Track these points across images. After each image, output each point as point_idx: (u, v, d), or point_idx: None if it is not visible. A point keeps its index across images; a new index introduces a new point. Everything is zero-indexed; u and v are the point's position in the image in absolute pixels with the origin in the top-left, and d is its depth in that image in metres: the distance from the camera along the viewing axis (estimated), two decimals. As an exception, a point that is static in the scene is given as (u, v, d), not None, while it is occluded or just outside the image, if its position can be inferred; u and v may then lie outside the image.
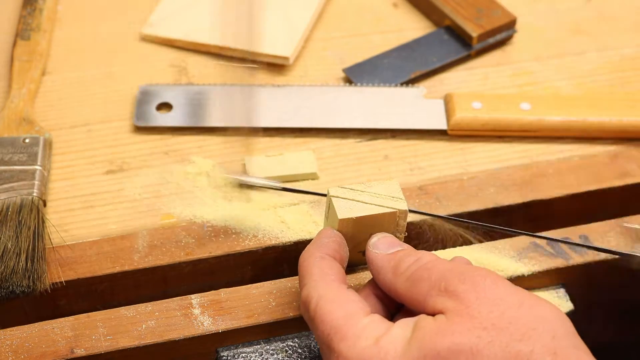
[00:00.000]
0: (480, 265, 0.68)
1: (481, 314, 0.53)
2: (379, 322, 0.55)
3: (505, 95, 0.83)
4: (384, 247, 0.60)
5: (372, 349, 0.53)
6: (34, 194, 0.70)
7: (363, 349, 0.53)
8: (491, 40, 0.88)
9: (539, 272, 0.68)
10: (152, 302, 0.65)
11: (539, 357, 0.51)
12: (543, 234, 0.70)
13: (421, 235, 0.71)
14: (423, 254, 0.59)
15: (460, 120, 0.79)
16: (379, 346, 0.53)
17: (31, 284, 0.65)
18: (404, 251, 0.60)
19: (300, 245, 0.70)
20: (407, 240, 0.64)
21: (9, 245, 0.66)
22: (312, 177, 0.76)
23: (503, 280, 0.55)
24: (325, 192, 0.64)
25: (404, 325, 0.54)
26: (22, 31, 0.84)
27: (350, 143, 0.79)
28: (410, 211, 0.65)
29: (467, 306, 0.53)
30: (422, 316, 0.55)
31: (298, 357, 0.64)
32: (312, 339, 0.65)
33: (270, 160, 0.76)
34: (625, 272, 0.68)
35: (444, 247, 0.71)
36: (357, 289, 0.61)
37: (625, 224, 0.66)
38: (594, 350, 0.59)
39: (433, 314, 0.55)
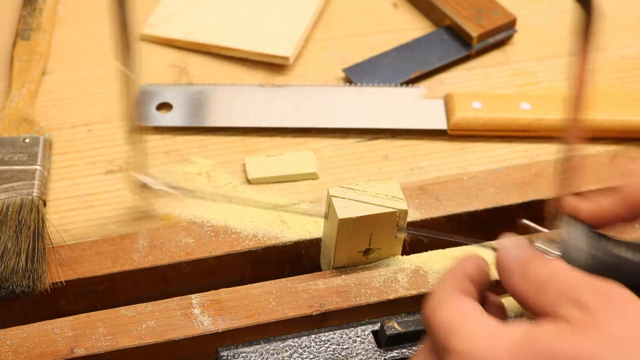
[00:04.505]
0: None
1: (611, 330, 0.50)
2: (494, 320, 0.53)
3: (505, 95, 0.83)
4: (513, 248, 0.58)
5: (485, 343, 0.51)
6: (34, 194, 0.70)
7: (477, 344, 0.51)
8: (491, 40, 0.88)
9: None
10: (152, 302, 0.65)
11: None
12: (547, 232, 0.70)
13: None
14: (553, 259, 0.57)
15: (460, 120, 0.79)
16: (493, 341, 0.51)
17: (31, 283, 0.65)
18: (534, 254, 0.57)
19: (300, 245, 0.70)
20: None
21: (9, 245, 0.66)
22: (312, 177, 0.76)
23: (637, 299, 0.52)
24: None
25: (522, 324, 0.52)
26: (22, 31, 0.84)
27: (350, 143, 0.79)
28: (405, 230, 0.66)
29: (597, 320, 0.50)
30: (544, 319, 0.53)
31: (298, 357, 0.64)
32: (312, 339, 0.65)
33: (270, 160, 0.76)
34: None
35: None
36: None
37: (523, 221, 0.66)
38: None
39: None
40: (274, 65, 0.85)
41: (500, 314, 0.58)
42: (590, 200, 0.62)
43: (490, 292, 0.59)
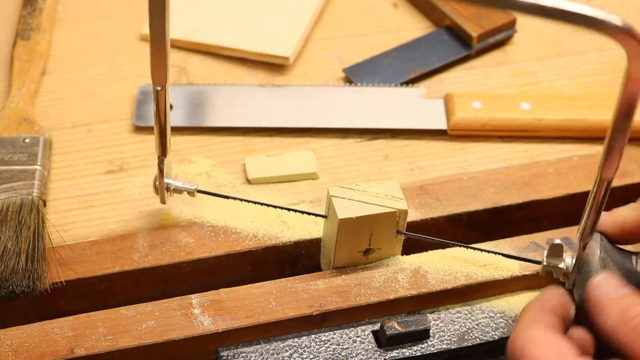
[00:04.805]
0: (481, 265, 0.68)
1: None
2: None
3: (505, 95, 0.83)
4: (610, 289, 0.56)
5: None
6: (34, 194, 0.70)
7: None
8: (491, 40, 0.88)
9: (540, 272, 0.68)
10: (152, 302, 0.65)
11: None
12: (546, 232, 0.70)
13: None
14: None
15: (460, 120, 0.79)
16: None
17: (31, 283, 0.65)
18: (634, 298, 0.55)
19: (300, 245, 0.70)
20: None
21: (9, 245, 0.66)
22: (312, 177, 0.76)
23: None
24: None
25: None
26: (22, 31, 0.84)
27: (350, 143, 0.79)
28: (400, 232, 0.66)
29: None
30: None
31: (298, 357, 0.64)
32: (312, 339, 0.65)
33: (270, 160, 0.76)
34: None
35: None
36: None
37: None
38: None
39: None
40: (274, 65, 0.85)
41: (589, 351, 0.56)
42: (612, 213, 0.60)
43: (577, 327, 0.57)
